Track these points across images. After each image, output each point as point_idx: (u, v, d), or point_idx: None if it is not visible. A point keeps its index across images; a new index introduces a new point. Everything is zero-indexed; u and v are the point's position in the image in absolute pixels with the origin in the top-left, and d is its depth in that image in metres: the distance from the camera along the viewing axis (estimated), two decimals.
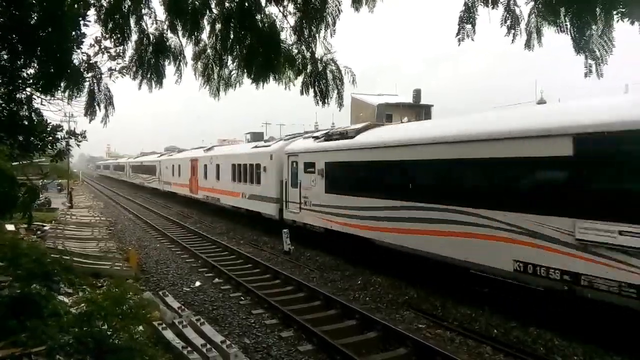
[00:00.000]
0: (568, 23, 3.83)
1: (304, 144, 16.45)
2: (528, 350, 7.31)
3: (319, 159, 14.69)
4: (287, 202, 16.74)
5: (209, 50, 6.52)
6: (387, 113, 35.92)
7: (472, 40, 4.54)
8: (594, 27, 3.72)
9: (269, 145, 19.39)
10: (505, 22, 4.43)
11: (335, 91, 6.08)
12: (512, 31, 4.43)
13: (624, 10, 3.38)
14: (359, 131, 13.41)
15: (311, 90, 6.13)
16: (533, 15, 4.21)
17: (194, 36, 6.20)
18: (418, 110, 36.73)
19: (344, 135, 13.98)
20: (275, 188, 17.75)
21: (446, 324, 8.57)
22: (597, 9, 3.57)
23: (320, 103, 6.11)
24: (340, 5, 5.60)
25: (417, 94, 38.27)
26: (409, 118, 29.04)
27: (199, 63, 6.61)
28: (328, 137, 14.91)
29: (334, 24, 5.66)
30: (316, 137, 15.77)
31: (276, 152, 17.98)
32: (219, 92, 6.70)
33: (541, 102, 22.75)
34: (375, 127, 13.73)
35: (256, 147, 20.78)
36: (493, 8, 4.42)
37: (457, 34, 4.56)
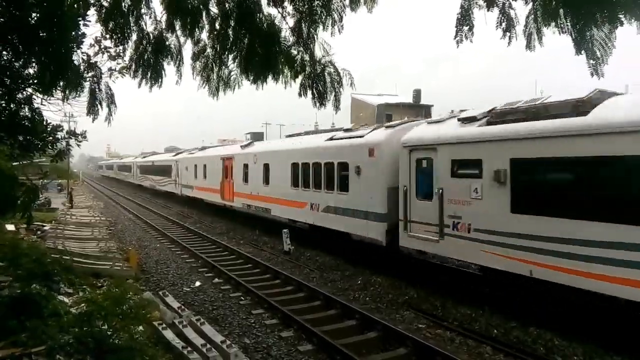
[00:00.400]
0: (569, 24, 3.83)
1: (441, 129, 10.43)
2: (528, 350, 7.31)
3: (490, 154, 8.83)
4: (409, 223, 10.75)
5: (208, 50, 6.52)
6: (387, 113, 35.95)
7: (471, 42, 4.55)
8: (594, 28, 3.72)
9: (361, 136, 13.25)
10: (501, 24, 4.44)
11: (333, 93, 6.10)
12: (508, 34, 4.44)
13: (621, 15, 3.40)
14: (583, 104, 7.70)
15: (309, 92, 6.14)
16: (531, 17, 4.20)
17: (194, 36, 6.21)
18: (418, 110, 36.75)
19: (537, 112, 8.37)
20: (381, 198, 11.77)
21: (446, 324, 8.57)
22: (597, 14, 3.56)
23: (318, 105, 6.13)
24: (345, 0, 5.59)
25: (417, 94, 38.36)
26: (409, 118, 29.11)
27: (198, 63, 6.61)
28: (499, 117, 9.16)
29: (341, 19, 5.64)
30: (466, 120, 9.84)
31: (382, 145, 12.02)
32: (218, 92, 6.71)
33: None
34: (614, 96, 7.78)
35: (333, 138, 14.74)
36: (489, 10, 4.43)
37: (455, 36, 4.58)
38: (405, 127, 12.21)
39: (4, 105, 5.87)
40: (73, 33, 5.37)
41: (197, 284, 11.48)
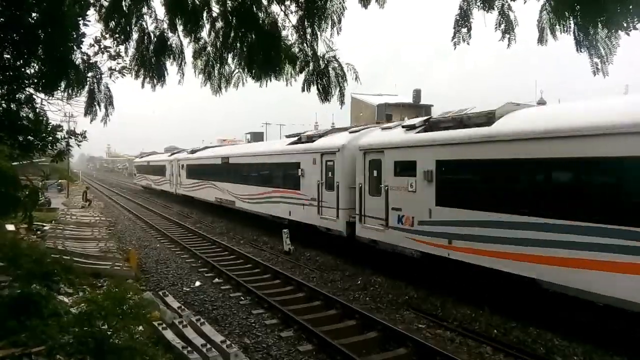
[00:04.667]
0: (572, 23, 3.81)
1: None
2: (528, 350, 7.31)
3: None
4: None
5: (209, 48, 6.52)
6: (387, 113, 35.94)
7: (468, 44, 4.55)
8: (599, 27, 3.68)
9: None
10: (500, 26, 4.43)
11: (338, 88, 6.09)
12: (507, 35, 4.42)
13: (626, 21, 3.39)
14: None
15: (313, 87, 6.14)
16: (545, 12, 4.16)
17: (194, 34, 6.20)
18: (418, 110, 36.74)
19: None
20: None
21: (446, 324, 8.57)
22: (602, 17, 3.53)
23: (322, 100, 6.13)
24: (344, 2, 5.59)
25: (417, 94, 38.35)
26: (409, 118, 28.99)
27: (199, 60, 6.60)
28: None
29: (340, 21, 5.64)
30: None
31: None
32: (220, 89, 6.70)
33: (541, 102, 22.77)
34: None
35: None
36: (488, 12, 4.41)
37: (453, 38, 4.56)
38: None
39: (4, 105, 5.88)
40: (73, 33, 5.37)
41: (197, 283, 11.48)
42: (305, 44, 6.00)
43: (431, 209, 10.06)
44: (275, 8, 5.96)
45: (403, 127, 11.78)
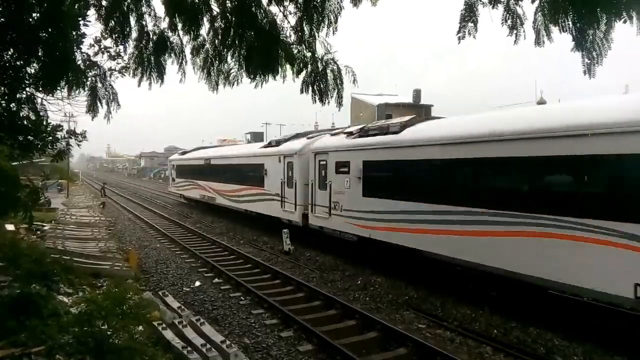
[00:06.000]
0: (570, 22, 3.82)
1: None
2: (528, 350, 7.30)
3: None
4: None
5: (207, 46, 6.53)
6: (387, 113, 35.95)
7: (474, 37, 4.51)
8: (594, 27, 3.71)
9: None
10: (506, 21, 4.40)
11: (336, 91, 6.09)
12: (515, 31, 4.38)
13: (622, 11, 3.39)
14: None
15: (311, 89, 6.14)
16: (539, 14, 4.16)
17: (193, 33, 6.21)
18: (418, 110, 36.75)
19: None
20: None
21: (446, 324, 8.56)
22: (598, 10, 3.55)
23: (319, 102, 6.13)
24: (342, 1, 5.58)
25: (417, 94, 38.38)
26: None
27: (198, 58, 6.61)
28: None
29: (336, 21, 5.64)
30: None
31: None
32: (217, 86, 6.71)
33: (541, 102, 22.75)
34: None
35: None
36: (493, 7, 4.38)
37: (458, 32, 4.53)
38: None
39: (4, 105, 5.88)
40: (73, 33, 5.37)
41: (197, 283, 11.47)
42: (303, 46, 6.00)
43: None
44: (274, 9, 5.97)
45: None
